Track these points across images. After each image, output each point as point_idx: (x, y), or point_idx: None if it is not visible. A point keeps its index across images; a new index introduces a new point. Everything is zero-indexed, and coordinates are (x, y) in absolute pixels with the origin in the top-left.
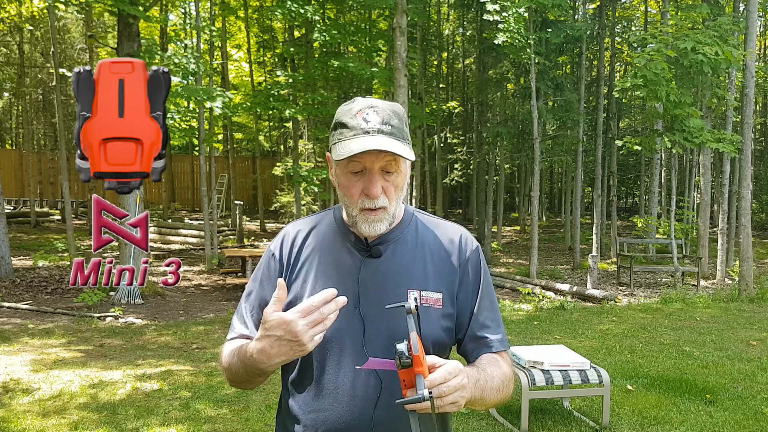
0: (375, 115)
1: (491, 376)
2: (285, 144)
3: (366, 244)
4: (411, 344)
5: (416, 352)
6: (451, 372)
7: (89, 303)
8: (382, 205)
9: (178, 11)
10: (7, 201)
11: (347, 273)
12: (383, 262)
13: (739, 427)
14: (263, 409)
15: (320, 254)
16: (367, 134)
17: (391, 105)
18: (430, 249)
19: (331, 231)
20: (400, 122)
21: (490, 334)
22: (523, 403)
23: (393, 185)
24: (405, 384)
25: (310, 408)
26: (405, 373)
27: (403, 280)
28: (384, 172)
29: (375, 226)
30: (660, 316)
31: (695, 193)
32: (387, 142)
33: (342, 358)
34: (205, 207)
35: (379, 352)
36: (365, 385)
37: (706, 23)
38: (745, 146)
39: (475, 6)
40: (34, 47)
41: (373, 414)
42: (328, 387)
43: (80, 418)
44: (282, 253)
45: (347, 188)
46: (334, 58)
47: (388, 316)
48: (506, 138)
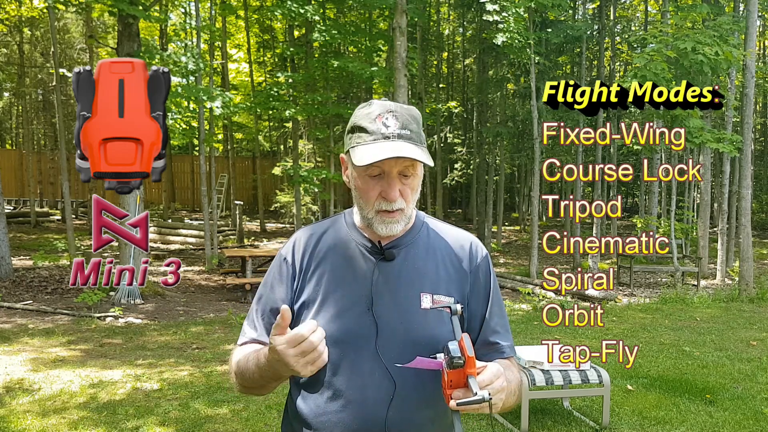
0: (394, 120)
1: (509, 381)
2: (285, 144)
3: (379, 248)
4: (463, 345)
5: (470, 353)
6: (495, 374)
7: (89, 303)
8: (399, 207)
9: (178, 11)
10: (7, 201)
11: (361, 276)
12: (396, 265)
13: (739, 427)
14: (263, 409)
15: (333, 258)
16: (387, 139)
17: (408, 109)
18: (442, 254)
19: (344, 235)
20: (418, 127)
21: (502, 340)
22: (523, 403)
23: (410, 188)
24: (451, 384)
25: (322, 410)
26: (454, 373)
27: (416, 283)
28: (402, 176)
29: (392, 227)
30: (660, 316)
31: (695, 193)
32: (407, 148)
33: (355, 360)
34: (205, 207)
35: (392, 354)
36: (378, 388)
37: (706, 23)
38: (745, 146)
39: (475, 6)
40: (34, 47)
41: (386, 416)
42: (340, 389)
43: (80, 417)
44: (294, 257)
45: (365, 191)
46: (334, 58)
47: (401, 319)
48: (506, 138)
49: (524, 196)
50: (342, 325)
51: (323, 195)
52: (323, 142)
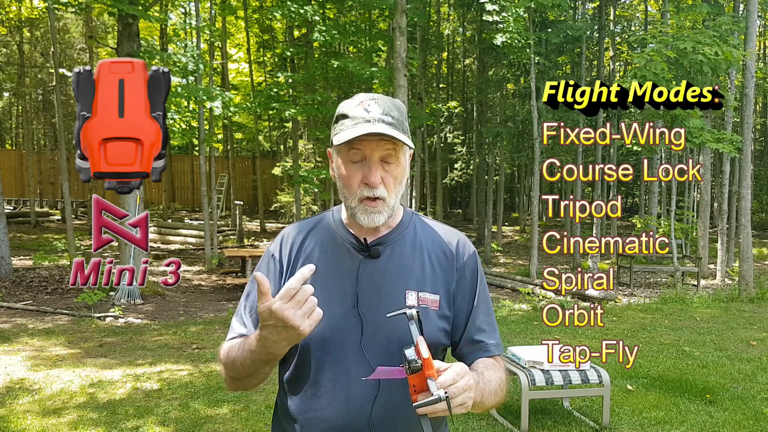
0: (376, 106)
1: (489, 380)
2: (285, 144)
3: (365, 245)
4: (419, 348)
5: (426, 355)
6: (458, 373)
7: (89, 303)
8: (381, 195)
9: (178, 11)
10: (7, 201)
11: (346, 273)
12: (382, 263)
13: (739, 427)
14: (263, 409)
15: (319, 254)
16: (368, 123)
17: (391, 99)
18: (429, 251)
19: (331, 231)
20: (400, 115)
21: (487, 338)
22: (523, 403)
23: (392, 176)
24: (415, 389)
25: (308, 407)
26: (415, 378)
27: (401, 280)
28: (383, 162)
29: (374, 217)
30: (660, 316)
31: (695, 193)
32: (387, 130)
33: (339, 358)
34: (205, 207)
35: (377, 351)
36: (363, 384)
37: (706, 23)
38: (745, 146)
39: (475, 6)
40: (34, 47)
41: (370, 413)
42: (325, 386)
43: (80, 417)
44: (282, 253)
45: (347, 178)
46: (334, 58)
47: (386, 317)
48: (506, 138)
49: (524, 196)
50: (327, 322)
51: (323, 195)
52: (323, 142)
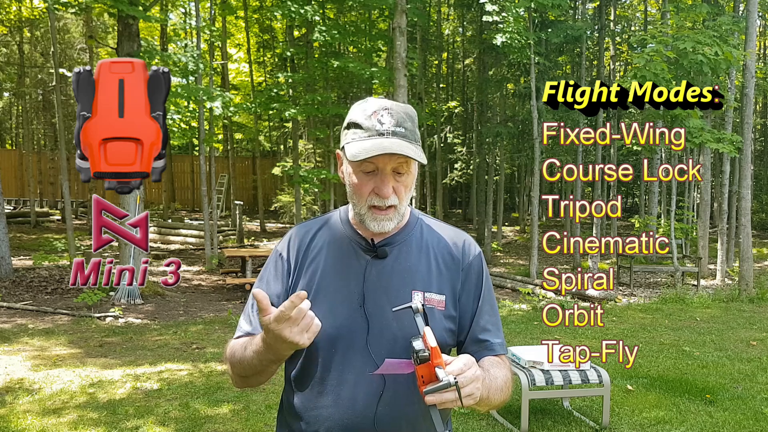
0: (389, 117)
1: (495, 377)
2: (285, 144)
3: (372, 245)
4: (426, 338)
5: (433, 344)
6: (466, 363)
7: (89, 303)
8: (392, 204)
9: (178, 11)
10: (7, 201)
11: (353, 273)
12: (389, 263)
13: (739, 427)
14: (263, 409)
15: (327, 254)
16: (381, 136)
17: (404, 107)
18: (435, 252)
19: (338, 232)
20: (413, 125)
21: (492, 338)
22: (523, 403)
23: (403, 185)
24: (423, 380)
25: (313, 405)
26: (423, 368)
27: (407, 281)
28: (395, 173)
29: (383, 224)
30: (660, 316)
31: (695, 193)
32: (401, 145)
33: (346, 356)
34: (205, 207)
35: (383, 350)
36: (368, 382)
37: (706, 23)
38: (745, 146)
39: (475, 6)
40: (34, 47)
41: (375, 411)
42: (331, 384)
43: (80, 417)
44: (290, 253)
45: (358, 187)
46: (334, 58)
47: (392, 316)
48: (506, 138)
49: (524, 196)
50: (334, 321)
51: (323, 195)
52: (323, 142)
